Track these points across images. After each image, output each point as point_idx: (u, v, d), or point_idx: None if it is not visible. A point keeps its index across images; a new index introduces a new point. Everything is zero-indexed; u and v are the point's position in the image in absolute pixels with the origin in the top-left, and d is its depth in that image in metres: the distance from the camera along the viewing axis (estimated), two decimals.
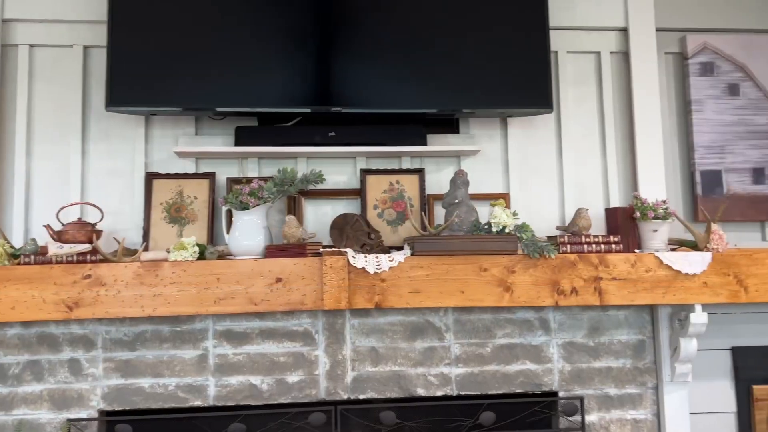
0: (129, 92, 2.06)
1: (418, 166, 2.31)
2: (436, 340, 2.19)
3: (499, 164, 2.34)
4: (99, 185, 2.18)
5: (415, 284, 1.94)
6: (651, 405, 2.22)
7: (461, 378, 2.18)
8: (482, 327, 2.20)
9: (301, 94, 2.13)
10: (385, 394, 2.15)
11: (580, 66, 2.39)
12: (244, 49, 2.11)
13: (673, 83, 2.45)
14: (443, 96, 2.18)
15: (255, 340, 2.13)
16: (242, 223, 2.02)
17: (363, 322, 2.17)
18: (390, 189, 2.25)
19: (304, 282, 1.91)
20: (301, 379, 2.13)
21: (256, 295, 1.90)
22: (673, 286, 1.99)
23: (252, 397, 2.11)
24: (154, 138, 2.23)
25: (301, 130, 2.23)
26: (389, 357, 2.16)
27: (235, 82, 2.10)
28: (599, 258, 1.98)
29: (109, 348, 2.08)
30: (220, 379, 2.10)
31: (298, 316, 2.15)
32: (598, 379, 2.21)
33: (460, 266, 1.96)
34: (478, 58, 2.19)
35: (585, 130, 2.37)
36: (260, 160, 2.26)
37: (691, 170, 2.39)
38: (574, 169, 2.34)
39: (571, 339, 2.22)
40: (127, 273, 1.86)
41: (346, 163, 2.30)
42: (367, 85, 2.15)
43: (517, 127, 2.34)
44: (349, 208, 2.27)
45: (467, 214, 2.05)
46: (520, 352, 2.20)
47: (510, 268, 1.97)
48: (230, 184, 2.20)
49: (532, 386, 2.19)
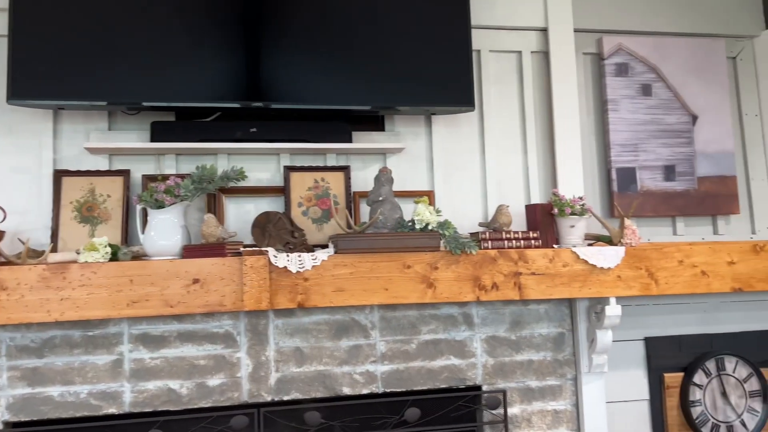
0: (34, 84, 1.94)
1: (343, 163, 2.29)
2: (362, 338, 2.18)
3: (423, 162, 2.35)
4: (2, 183, 2.05)
5: (339, 283, 1.92)
6: (570, 396, 2.28)
7: (387, 375, 2.18)
8: (407, 324, 2.21)
9: (222, 88, 2.07)
10: (310, 394, 2.12)
11: (501, 65, 2.43)
12: (163, 40, 2.03)
13: (590, 83, 2.53)
14: (369, 93, 2.17)
15: (173, 343, 2.06)
16: (158, 222, 1.94)
17: (287, 322, 2.13)
18: (315, 186, 2.22)
19: (223, 283, 1.86)
20: (223, 382, 2.07)
21: (173, 297, 1.83)
22: (590, 280, 2.06)
23: (171, 402, 2.03)
24: (63, 133, 2.11)
25: (221, 126, 2.16)
26: (314, 357, 2.14)
27: (152, 75, 2.02)
28: (519, 253, 2.02)
29: (14, 356, 1.96)
30: (137, 385, 2.02)
31: (218, 317, 2.09)
32: (520, 372, 2.26)
33: (384, 264, 1.95)
34: (403, 56, 2.19)
35: (507, 128, 2.41)
36: (178, 156, 2.18)
37: (607, 167, 2.48)
38: (497, 167, 2.38)
39: (494, 333, 2.26)
40: (32, 276, 1.76)
41: (270, 160, 2.25)
42: (291, 80, 2.11)
43: (441, 125, 2.36)
44: (273, 206, 2.22)
45: (391, 212, 2.05)
46: (444, 348, 2.22)
47: (433, 265, 1.98)
48: (146, 181, 2.11)
49: (456, 381, 2.22)
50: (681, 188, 2.49)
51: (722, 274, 2.15)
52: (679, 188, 2.49)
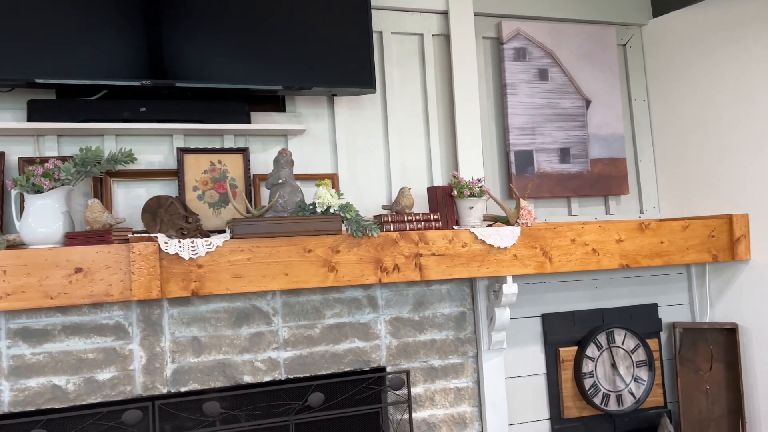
0: None
1: (242, 145, 2.21)
2: (264, 325, 2.13)
3: (326, 144, 2.31)
4: None
5: (236, 269, 1.86)
6: (472, 373, 2.34)
7: (290, 361, 2.14)
8: (311, 308, 2.18)
9: (110, 66, 1.93)
10: (209, 384, 2.05)
11: (404, 47, 2.43)
12: (41, 12, 1.86)
13: (490, 67, 2.57)
14: (268, 72, 2.09)
15: (58, 337, 1.92)
16: (36, 208, 1.80)
17: (183, 311, 2.05)
18: (211, 169, 2.13)
19: (110, 271, 1.75)
20: (114, 376, 1.96)
21: (52, 288, 1.70)
22: (487, 260, 2.10)
23: (56, 399, 1.91)
24: None
25: (107, 105, 2.03)
26: (213, 346, 2.07)
27: (28, 48, 1.85)
28: (419, 235, 2.04)
29: None
30: (17, 383, 1.88)
31: (107, 308, 1.98)
32: (423, 351, 2.29)
33: (284, 248, 1.91)
34: (304, 35, 2.13)
35: (410, 111, 2.41)
36: (60, 138, 2.03)
37: (506, 150, 2.54)
38: (400, 149, 2.38)
39: (398, 315, 2.27)
40: None
41: (162, 142, 2.14)
42: (185, 58, 2.00)
43: (344, 106, 2.33)
44: (167, 189, 2.12)
45: (291, 195, 2.00)
46: (348, 331, 2.21)
47: (334, 248, 1.95)
48: (23, 164, 1.95)
49: (360, 364, 2.22)
50: (575, 170, 2.59)
51: (611, 252, 2.26)
52: (573, 170, 2.59)
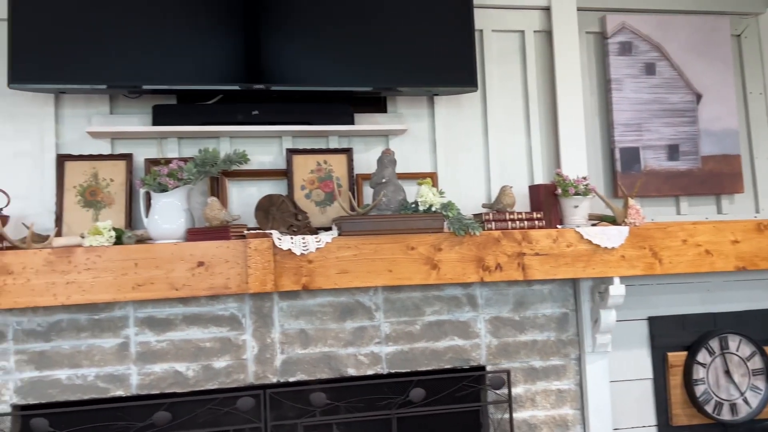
0: (34, 68, 1.93)
1: (346, 145, 2.28)
2: (366, 320, 2.19)
3: (426, 143, 2.34)
4: (5, 168, 2.05)
5: (343, 264, 1.93)
6: (574, 375, 2.30)
7: (391, 356, 2.19)
8: (411, 305, 2.22)
9: (224, 70, 2.06)
10: (315, 375, 2.14)
11: (504, 45, 2.41)
12: (163, 22, 2.01)
13: (594, 62, 2.51)
14: (371, 74, 2.15)
15: (179, 326, 2.07)
16: (161, 206, 1.94)
17: (292, 304, 2.14)
18: (317, 169, 2.22)
19: (228, 265, 1.86)
20: (229, 365, 2.08)
21: (177, 280, 1.83)
22: (593, 260, 2.06)
23: (177, 384, 2.05)
24: (65, 117, 2.11)
25: (223, 109, 2.15)
26: (319, 338, 2.15)
27: (153, 58, 2.00)
28: (522, 234, 2.02)
29: (22, 339, 1.97)
30: (143, 368, 2.04)
31: (223, 300, 2.10)
32: (523, 352, 2.27)
33: (388, 245, 1.95)
34: (405, 36, 2.17)
35: (510, 109, 2.40)
36: (180, 140, 2.17)
37: (611, 147, 2.47)
38: (500, 147, 2.37)
39: (498, 314, 2.26)
40: (37, 260, 1.76)
41: (272, 143, 2.24)
42: (293, 62, 2.10)
43: (444, 105, 2.35)
44: (276, 189, 2.22)
45: (394, 194, 2.05)
46: (448, 329, 2.23)
47: (436, 246, 1.98)
48: (148, 165, 2.11)
49: (460, 361, 2.23)
50: (685, 167, 2.48)
51: (726, 253, 2.15)
52: (682, 167, 2.48)
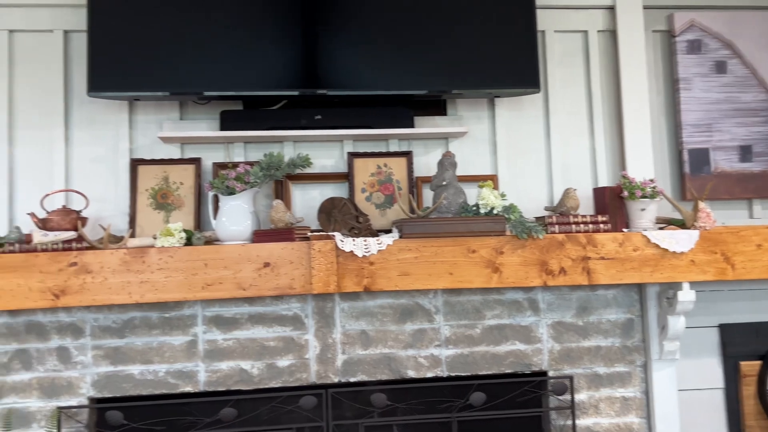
0: (111, 77, 2.03)
1: (405, 148, 2.29)
2: (426, 322, 2.19)
3: (486, 145, 2.33)
4: (83, 172, 2.16)
5: (404, 267, 1.94)
6: (640, 383, 2.23)
7: (451, 359, 2.18)
8: (472, 308, 2.21)
9: (287, 76, 2.11)
10: (375, 376, 2.15)
11: (567, 45, 2.38)
12: (229, 31, 2.08)
13: (660, 61, 2.44)
14: (431, 77, 2.16)
15: (244, 325, 2.12)
16: (229, 208, 2.01)
17: (352, 305, 2.17)
18: (378, 172, 2.24)
19: (293, 266, 1.91)
20: (292, 363, 2.13)
21: (245, 280, 1.89)
22: (661, 265, 2.00)
23: (243, 381, 2.11)
24: (138, 123, 2.20)
25: (287, 114, 2.21)
26: (379, 340, 2.17)
27: (219, 65, 2.07)
28: (587, 237, 1.98)
29: (98, 335, 2.07)
30: (210, 365, 2.10)
31: (287, 300, 2.15)
32: (587, 358, 2.22)
33: (449, 248, 1.95)
34: (465, 38, 2.17)
35: (573, 110, 2.36)
36: (246, 144, 2.24)
37: (678, 149, 2.39)
38: (562, 149, 2.33)
39: (560, 319, 2.23)
40: (114, 260, 1.85)
41: (333, 147, 2.28)
42: (353, 67, 2.13)
43: (505, 108, 2.33)
44: (337, 191, 2.26)
45: (455, 196, 2.05)
46: (509, 333, 2.21)
47: (498, 249, 1.97)
48: (216, 169, 2.18)
49: (521, 366, 2.20)
50: (759, 169, 2.38)
51: None
52: (756, 169, 2.38)
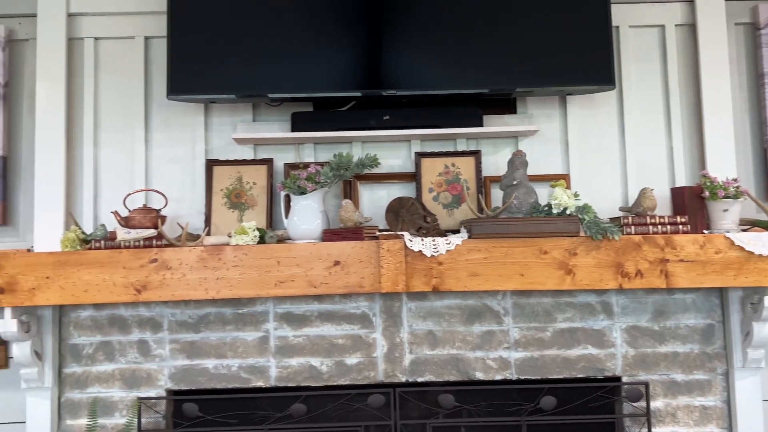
0: (189, 81, 2.11)
1: (474, 147, 2.28)
2: (495, 324, 2.16)
3: (557, 144, 2.28)
4: (162, 172, 2.25)
5: (473, 267, 1.92)
6: (721, 392, 2.13)
7: (521, 362, 2.15)
8: (542, 311, 2.17)
9: (355, 78, 2.13)
10: (443, 377, 2.15)
11: (642, 41, 2.30)
12: (299, 35, 2.12)
13: (743, 55, 2.32)
14: (500, 75, 2.14)
15: (314, 322, 2.16)
16: (300, 208, 2.04)
17: (420, 305, 2.17)
18: (445, 172, 2.23)
19: (362, 265, 1.92)
20: (360, 362, 2.15)
21: (316, 278, 1.92)
22: (746, 268, 1.90)
23: (312, 378, 2.14)
24: (213, 125, 2.27)
25: (355, 115, 2.23)
26: (447, 340, 2.16)
27: (290, 68, 2.12)
28: (665, 239, 1.91)
29: (175, 330, 2.15)
30: (281, 361, 2.15)
31: (355, 299, 2.17)
32: (664, 364, 2.14)
33: (520, 249, 1.92)
34: (535, 35, 2.13)
35: (649, 107, 2.28)
36: (316, 145, 2.27)
37: (763, 146, 2.27)
38: (637, 148, 2.26)
39: (635, 323, 2.15)
40: (192, 257, 1.92)
41: (401, 147, 2.29)
42: (420, 66, 2.13)
43: (577, 105, 2.28)
44: (404, 191, 2.26)
45: (526, 196, 2.01)
46: (581, 337, 2.16)
47: (571, 251, 1.92)
48: (287, 169, 2.23)
49: (594, 371, 2.14)
50: None
51: None
52: None
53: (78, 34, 2.26)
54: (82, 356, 2.14)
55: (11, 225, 2.26)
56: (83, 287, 1.90)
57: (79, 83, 2.26)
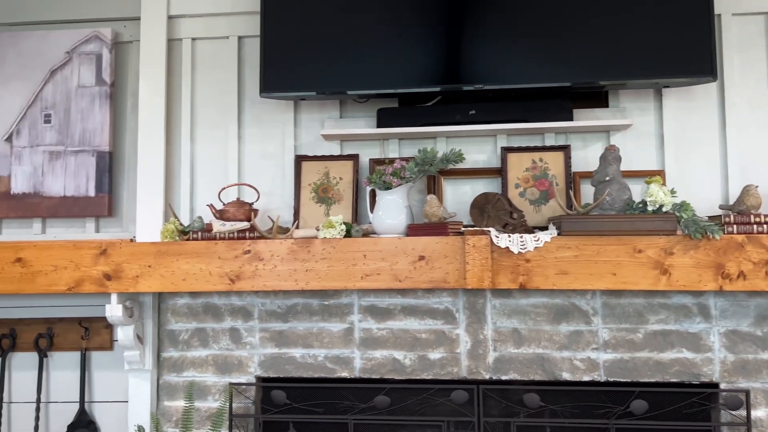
0: (280, 79, 2.17)
1: (562, 142, 2.22)
2: (583, 324, 2.11)
3: (652, 139, 2.19)
4: (253, 167, 2.33)
5: (562, 265, 1.88)
6: None
7: (610, 364, 2.08)
8: (633, 312, 2.09)
9: (438, 73, 2.13)
10: (528, 376, 2.11)
11: (746, 29, 2.16)
12: (384, 33, 2.14)
13: None
14: (591, 68, 2.07)
15: (397, 316, 2.18)
16: (385, 203, 2.07)
17: (504, 303, 2.14)
18: (533, 167, 2.19)
19: (447, 260, 1.92)
20: (443, 357, 2.15)
21: (401, 272, 1.94)
22: None
23: (395, 371, 2.16)
24: (302, 122, 2.34)
25: (441, 110, 2.22)
26: (532, 339, 2.12)
27: (375, 65, 2.14)
28: None
29: (265, 319, 2.23)
30: (365, 353, 2.18)
31: (438, 294, 2.17)
32: (767, 371, 2.02)
33: (612, 247, 1.86)
34: (628, 24, 2.05)
35: (753, 100, 2.14)
36: (400, 140, 2.29)
37: None
38: (740, 143, 2.13)
39: (735, 327, 2.04)
40: (283, 249, 1.98)
41: (486, 142, 2.27)
42: (506, 59, 2.10)
43: (674, 98, 2.17)
44: (489, 187, 2.24)
45: (619, 192, 1.95)
46: (675, 340, 2.06)
47: (668, 250, 1.84)
48: (372, 164, 2.25)
49: (688, 376, 2.05)
50: None
51: None
52: None
53: (177, 35, 2.38)
54: (178, 342, 2.26)
55: (115, 216, 2.41)
56: (182, 276, 2.01)
57: (177, 82, 2.38)
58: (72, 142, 2.38)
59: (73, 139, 2.38)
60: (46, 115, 2.40)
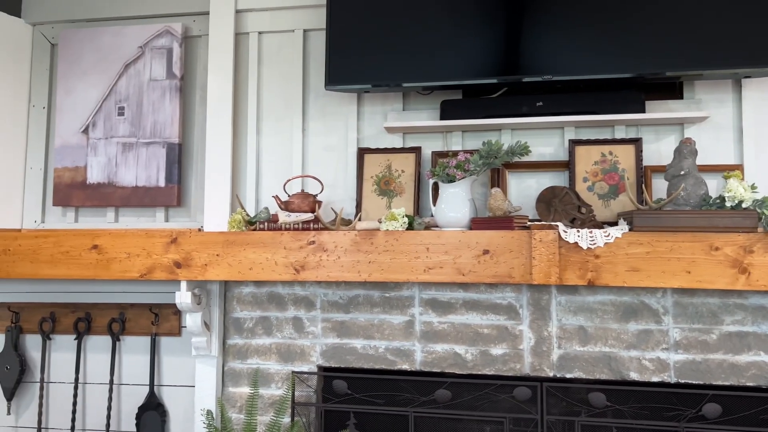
0: (345, 72, 2.18)
1: (633, 135, 2.15)
2: (653, 323, 2.04)
3: (730, 132, 2.09)
4: (317, 159, 2.36)
5: (633, 262, 1.82)
6: None
7: (681, 365, 2.01)
8: (707, 312, 2.00)
9: (500, 64, 2.09)
10: (593, 374, 2.06)
11: None
12: (448, 24, 2.11)
13: None
14: (665, 57, 1.99)
15: (459, 310, 2.16)
16: (448, 196, 2.05)
17: (570, 299, 2.09)
18: (602, 160, 2.13)
19: (512, 255, 1.89)
20: (505, 353, 2.12)
21: (464, 266, 1.92)
22: None
23: (456, 365, 2.15)
24: (365, 114, 2.34)
25: (506, 101, 2.18)
26: (599, 337, 2.07)
27: (439, 57, 2.11)
28: None
29: (327, 309, 2.26)
30: (426, 346, 2.18)
31: (501, 289, 2.14)
32: None
33: (687, 244, 1.79)
34: (708, 11, 1.96)
35: None
36: (464, 133, 2.26)
37: None
38: None
39: None
40: (346, 240, 1.99)
41: (553, 134, 2.21)
42: (573, 49, 2.04)
43: (754, 89, 2.07)
44: (555, 180, 2.19)
45: (695, 187, 1.87)
46: (752, 342, 1.97)
47: (747, 248, 1.75)
48: (435, 157, 2.24)
49: (766, 380, 1.95)
50: None
51: None
52: None
53: (244, 29, 2.42)
54: (243, 329, 2.31)
55: (184, 206, 2.48)
56: (248, 265, 2.05)
57: (243, 75, 2.42)
58: (144, 134, 2.47)
59: (145, 131, 2.47)
60: (119, 108, 2.50)
